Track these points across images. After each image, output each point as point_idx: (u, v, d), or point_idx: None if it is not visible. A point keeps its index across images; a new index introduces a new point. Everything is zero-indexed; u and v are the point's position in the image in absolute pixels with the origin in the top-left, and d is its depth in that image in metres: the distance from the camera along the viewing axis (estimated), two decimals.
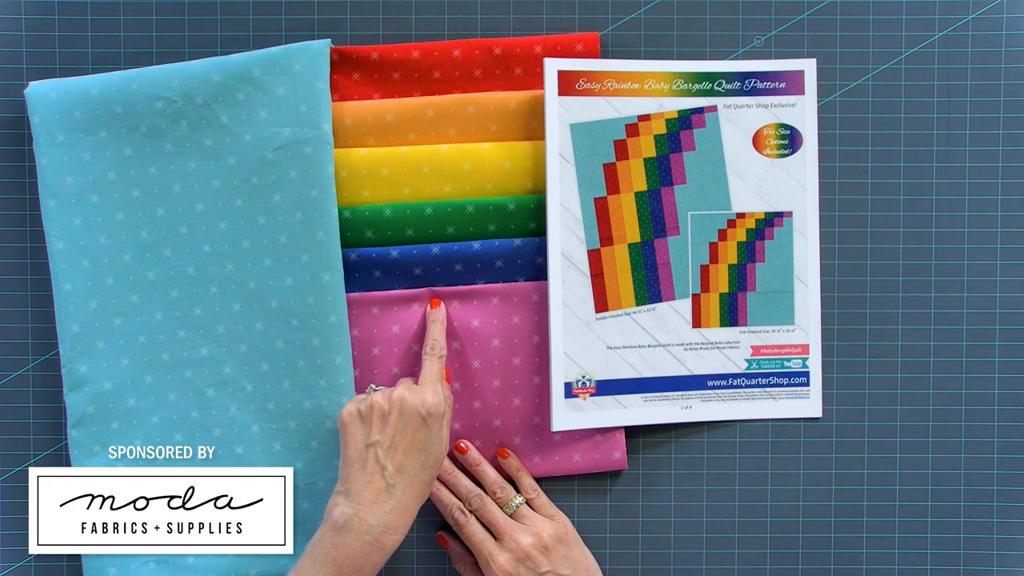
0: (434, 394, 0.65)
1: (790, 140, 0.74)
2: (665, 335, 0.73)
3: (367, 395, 0.67)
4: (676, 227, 0.73)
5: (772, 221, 0.74)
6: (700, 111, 0.73)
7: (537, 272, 0.73)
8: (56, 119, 0.70)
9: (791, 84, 0.74)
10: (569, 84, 0.72)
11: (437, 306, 0.72)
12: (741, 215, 0.73)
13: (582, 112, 0.72)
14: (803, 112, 0.74)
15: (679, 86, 0.73)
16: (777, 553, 0.75)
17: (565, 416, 0.72)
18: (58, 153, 0.70)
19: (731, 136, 0.73)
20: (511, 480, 0.73)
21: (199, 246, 0.71)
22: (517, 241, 0.72)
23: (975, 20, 0.74)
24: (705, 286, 0.74)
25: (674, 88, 0.73)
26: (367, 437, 0.65)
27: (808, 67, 0.74)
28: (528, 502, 0.72)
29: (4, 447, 0.74)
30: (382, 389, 0.67)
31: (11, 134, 0.73)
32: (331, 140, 0.70)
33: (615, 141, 0.72)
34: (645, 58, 0.74)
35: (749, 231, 0.74)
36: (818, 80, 0.74)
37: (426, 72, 0.73)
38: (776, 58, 0.74)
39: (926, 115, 0.74)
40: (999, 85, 0.74)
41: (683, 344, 0.74)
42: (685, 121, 0.73)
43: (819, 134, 0.74)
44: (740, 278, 0.74)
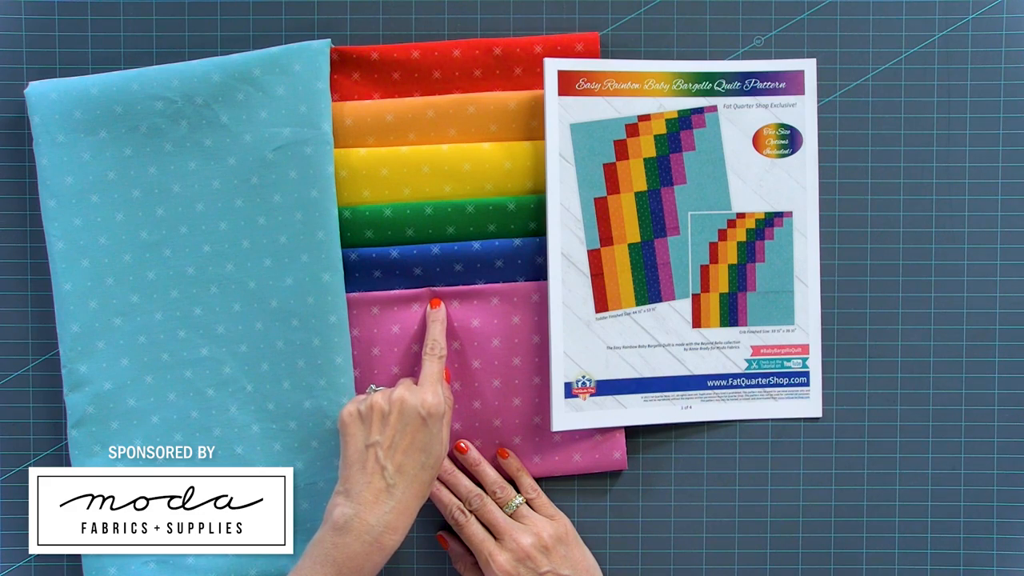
0: (434, 394, 0.65)
1: (790, 140, 0.74)
2: (665, 335, 0.73)
3: (367, 395, 0.67)
4: (676, 227, 0.73)
5: (772, 221, 0.74)
6: (700, 111, 0.73)
7: (537, 272, 0.73)
8: (56, 119, 0.70)
9: (791, 84, 0.74)
10: (569, 84, 0.72)
11: (437, 306, 0.72)
12: (741, 215, 0.73)
13: (582, 112, 0.72)
14: (803, 112, 0.74)
15: (679, 86, 0.73)
16: (777, 553, 0.75)
17: (565, 416, 0.72)
18: (58, 153, 0.70)
19: (731, 136, 0.73)
20: (511, 480, 0.73)
21: (199, 246, 0.71)
22: (517, 241, 0.72)
23: (975, 20, 0.74)
24: (705, 286, 0.74)
25: (674, 88, 0.73)
26: (367, 437, 0.65)
27: (808, 67, 0.74)
28: (528, 502, 0.72)
29: (4, 447, 0.74)
30: (382, 389, 0.67)
31: (11, 134, 0.73)
32: (331, 140, 0.70)
33: (615, 141, 0.72)
34: (645, 58, 0.74)
35: (749, 231, 0.74)
36: (818, 80, 0.74)
37: (426, 72, 0.73)
38: (776, 58, 0.74)
39: (926, 115, 0.74)
40: (999, 85, 0.74)
41: (683, 344, 0.74)
42: (685, 121, 0.73)
43: (819, 134, 0.74)
44: (740, 278, 0.74)
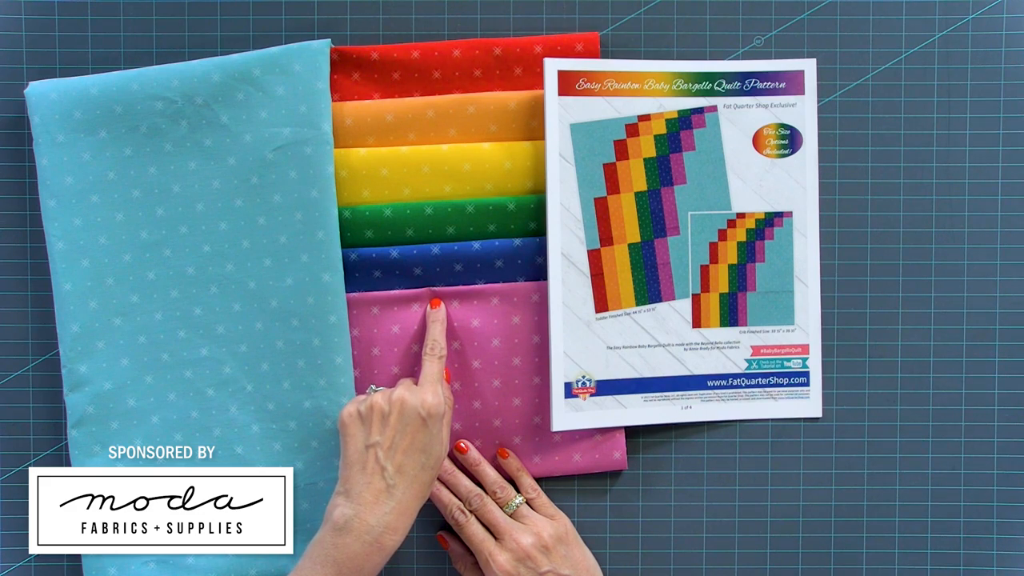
0: (434, 395, 0.65)
1: (790, 140, 0.74)
2: (665, 335, 0.73)
3: (367, 396, 0.67)
4: (676, 227, 0.73)
5: (772, 221, 0.74)
6: (700, 111, 0.73)
7: (537, 272, 0.73)
8: (56, 119, 0.70)
9: (791, 84, 0.74)
10: (569, 84, 0.72)
11: (437, 306, 0.72)
12: (741, 215, 0.73)
13: (582, 112, 0.72)
14: (803, 112, 0.74)
15: (679, 86, 0.73)
16: (777, 553, 0.75)
17: (565, 416, 0.72)
18: (58, 153, 0.70)
19: (731, 136, 0.73)
20: (511, 480, 0.73)
21: (199, 246, 0.71)
22: (517, 241, 0.72)
23: (975, 20, 0.74)
24: (705, 286, 0.74)
25: (674, 88, 0.73)
26: (367, 438, 0.65)
27: (808, 67, 0.74)
28: (528, 502, 0.72)
29: (4, 447, 0.74)
30: (382, 390, 0.67)
31: (11, 134, 0.73)
32: (331, 140, 0.70)
33: (615, 141, 0.72)
34: (645, 58, 0.74)
35: (749, 231, 0.74)
36: (818, 80, 0.74)
37: (426, 72, 0.73)
38: (776, 58, 0.74)
39: (926, 115, 0.74)
40: (999, 85, 0.74)
41: (683, 344, 0.74)
42: (685, 121, 0.73)
43: (819, 134, 0.74)
44: (740, 278, 0.74)
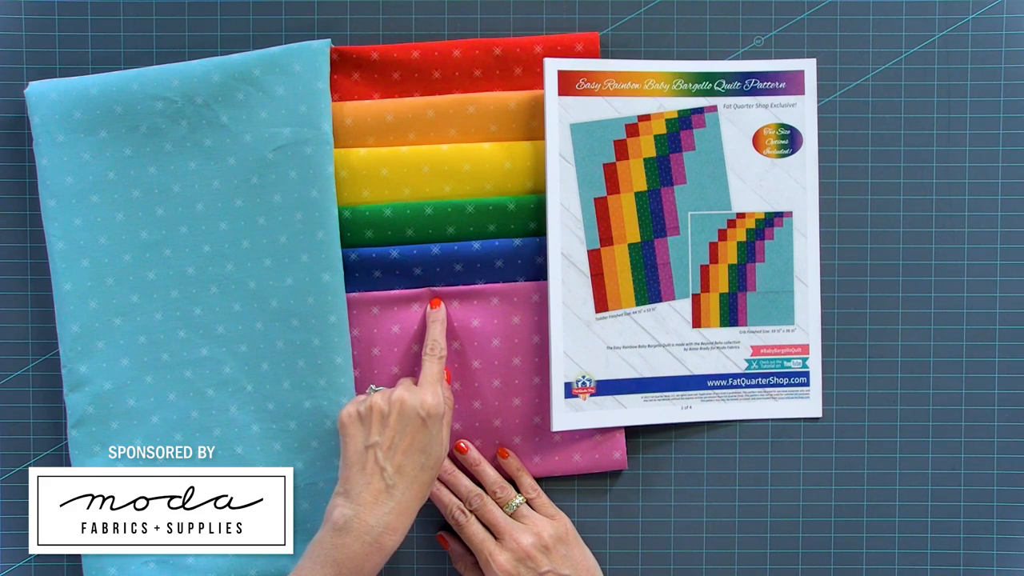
0: (433, 395, 0.65)
1: (790, 140, 0.74)
2: (665, 335, 0.73)
3: (367, 396, 0.67)
4: (676, 227, 0.73)
5: (772, 221, 0.74)
6: (700, 111, 0.73)
7: (537, 272, 0.73)
8: (56, 119, 0.70)
9: (791, 84, 0.74)
10: (569, 84, 0.72)
11: (437, 306, 0.72)
12: (741, 215, 0.73)
13: (582, 112, 0.72)
14: (803, 112, 0.74)
15: (679, 86, 0.73)
16: (777, 553, 0.75)
17: (565, 416, 0.72)
18: (58, 153, 0.70)
19: (731, 136, 0.73)
20: (511, 480, 0.73)
21: (199, 246, 0.71)
22: (517, 241, 0.72)
23: (975, 20, 0.74)
24: (705, 286, 0.74)
25: (674, 88, 0.73)
26: (366, 438, 0.65)
27: (808, 67, 0.74)
28: (528, 502, 0.72)
29: (4, 447, 0.74)
30: (382, 390, 0.67)
31: (11, 134, 0.73)
32: (331, 140, 0.70)
33: (615, 141, 0.72)
34: (645, 58, 0.74)
35: (749, 231, 0.74)
36: (818, 80, 0.74)
37: (426, 72, 0.73)
38: (776, 58, 0.74)
39: (926, 115, 0.74)
40: (999, 85, 0.74)
41: (683, 344, 0.74)
42: (685, 121, 0.73)
43: (819, 134, 0.74)
44: (740, 278, 0.74)
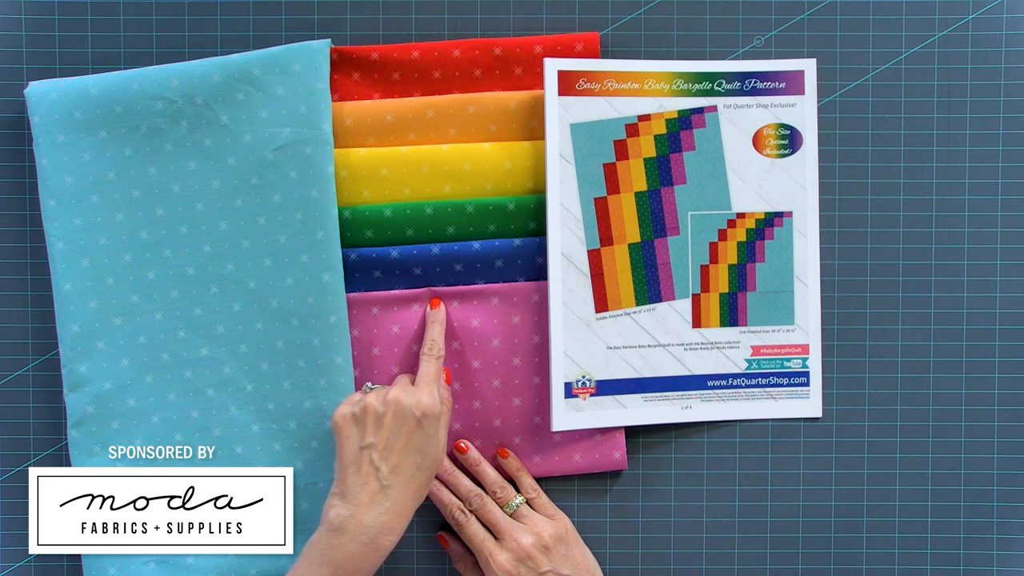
0: (430, 395, 0.65)
1: (790, 140, 0.74)
2: (665, 335, 0.73)
3: (361, 396, 0.67)
4: (676, 227, 0.73)
5: (772, 221, 0.74)
6: (700, 111, 0.73)
7: (537, 272, 0.73)
8: (56, 119, 0.70)
9: (791, 84, 0.74)
10: (569, 84, 0.72)
11: (437, 306, 0.72)
12: (741, 215, 0.73)
13: (582, 112, 0.72)
14: (803, 112, 0.74)
15: (679, 86, 0.73)
16: (777, 553, 0.75)
17: (565, 416, 0.72)
18: (58, 153, 0.70)
19: (731, 136, 0.73)
20: (511, 480, 0.73)
21: (199, 246, 0.71)
22: (517, 241, 0.72)
23: (975, 20, 0.74)
24: (705, 286, 0.74)
25: (674, 88, 0.73)
26: (361, 439, 0.64)
27: (808, 67, 0.74)
28: (528, 502, 0.72)
29: (4, 447, 0.74)
30: (378, 388, 0.67)
31: (11, 134, 0.73)
32: (331, 140, 0.70)
33: (615, 141, 0.72)
34: (645, 58, 0.74)
35: (749, 231, 0.74)
36: (818, 80, 0.74)
37: (426, 72, 0.73)
38: (776, 58, 0.74)
39: (926, 115, 0.74)
40: (999, 85, 0.74)
41: (683, 344, 0.74)
42: (685, 121, 0.73)
43: (819, 134, 0.74)
44: (740, 278, 0.74)
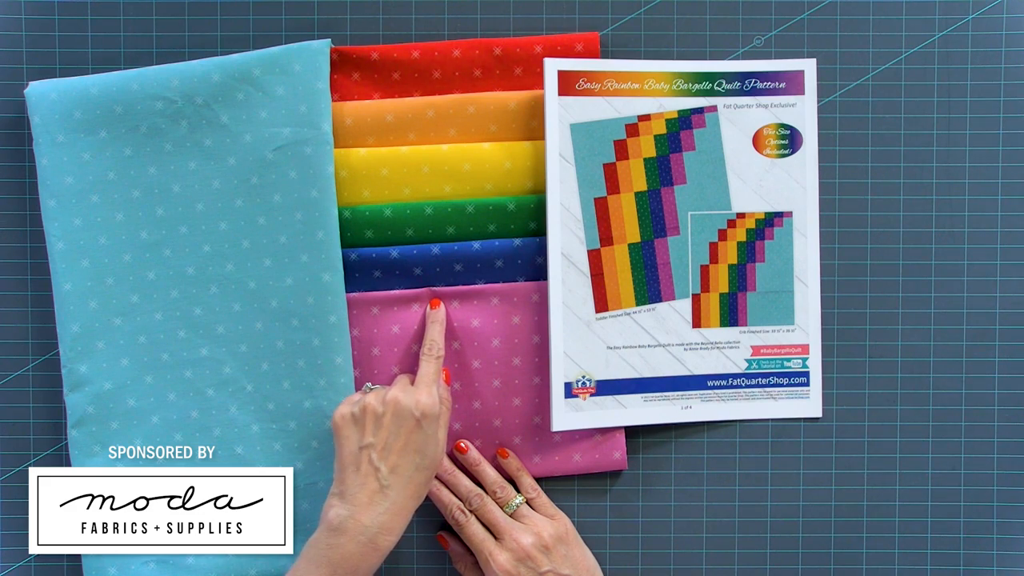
0: (429, 395, 0.65)
1: (790, 140, 0.74)
2: (665, 335, 0.73)
3: (361, 396, 0.67)
4: (676, 227, 0.73)
5: (772, 221, 0.74)
6: (700, 111, 0.73)
7: (537, 272, 0.73)
8: (56, 119, 0.70)
9: (791, 84, 0.74)
10: (569, 84, 0.72)
11: (437, 307, 0.72)
12: (741, 215, 0.73)
13: (582, 112, 0.72)
14: (803, 112, 0.74)
15: (679, 86, 0.73)
16: (777, 553, 0.75)
17: (565, 416, 0.72)
18: (58, 153, 0.70)
19: (731, 136, 0.73)
20: (511, 480, 0.73)
21: (199, 246, 0.71)
22: (517, 241, 0.72)
23: (975, 20, 0.74)
24: (705, 286, 0.74)
25: (674, 88, 0.73)
26: (360, 439, 0.64)
27: (808, 67, 0.74)
28: (528, 502, 0.72)
29: (4, 447, 0.74)
30: (377, 388, 0.67)
31: (11, 134, 0.73)
32: (331, 140, 0.70)
33: (615, 141, 0.72)
34: (645, 58, 0.74)
35: (749, 231, 0.74)
36: (818, 80, 0.74)
37: (426, 72, 0.73)
38: (776, 58, 0.74)
39: (926, 115, 0.74)
40: (999, 85, 0.74)
41: (683, 344, 0.74)
42: (685, 121, 0.73)
43: (819, 134, 0.74)
44: (740, 278, 0.74)
